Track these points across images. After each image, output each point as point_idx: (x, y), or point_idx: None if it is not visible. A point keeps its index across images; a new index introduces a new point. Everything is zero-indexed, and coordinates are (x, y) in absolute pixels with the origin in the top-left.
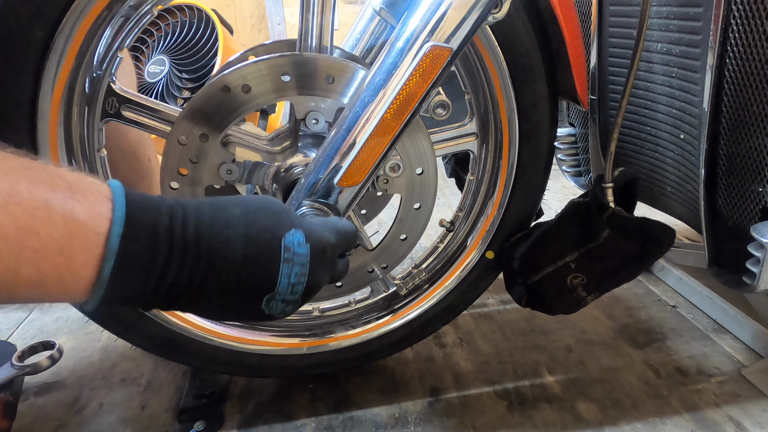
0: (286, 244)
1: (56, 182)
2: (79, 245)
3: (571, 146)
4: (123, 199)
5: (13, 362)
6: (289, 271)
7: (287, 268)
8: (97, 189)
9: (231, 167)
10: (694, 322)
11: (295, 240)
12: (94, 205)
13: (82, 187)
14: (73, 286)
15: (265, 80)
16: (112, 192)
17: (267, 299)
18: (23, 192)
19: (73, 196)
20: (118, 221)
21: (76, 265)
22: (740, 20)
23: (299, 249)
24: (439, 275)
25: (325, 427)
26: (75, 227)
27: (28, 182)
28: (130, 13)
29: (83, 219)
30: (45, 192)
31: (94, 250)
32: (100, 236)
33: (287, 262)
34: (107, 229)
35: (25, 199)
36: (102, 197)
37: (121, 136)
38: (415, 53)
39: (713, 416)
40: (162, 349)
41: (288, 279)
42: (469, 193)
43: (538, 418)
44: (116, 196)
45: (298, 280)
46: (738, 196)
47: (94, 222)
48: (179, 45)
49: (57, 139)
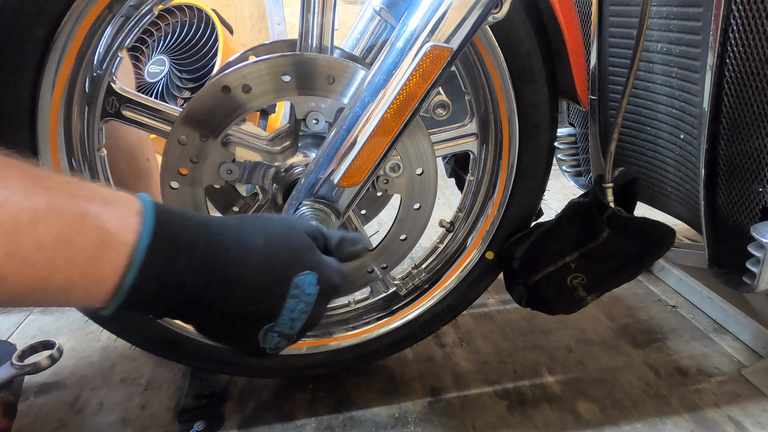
0: (297, 282)
1: (93, 196)
2: (107, 255)
3: (571, 146)
4: (152, 213)
5: (13, 362)
6: (294, 307)
7: (292, 303)
8: (129, 203)
9: (231, 167)
10: (694, 322)
11: (306, 280)
12: (125, 217)
13: (114, 200)
14: (97, 293)
15: (265, 80)
16: (142, 206)
17: (265, 329)
18: (62, 205)
19: (106, 209)
20: (146, 233)
21: (103, 273)
22: (740, 20)
23: (308, 289)
24: (439, 275)
25: (325, 427)
26: (106, 238)
27: (66, 196)
28: (131, 13)
29: (114, 230)
30: (81, 205)
31: (120, 260)
32: (128, 247)
33: (294, 298)
34: (134, 241)
35: (63, 212)
36: (133, 210)
37: (120, 136)
38: (415, 53)
39: (713, 416)
40: (162, 349)
41: (290, 314)
42: (469, 193)
43: (538, 418)
44: (146, 210)
45: (299, 317)
46: (738, 196)
47: (123, 234)
48: (179, 45)
49: (57, 138)
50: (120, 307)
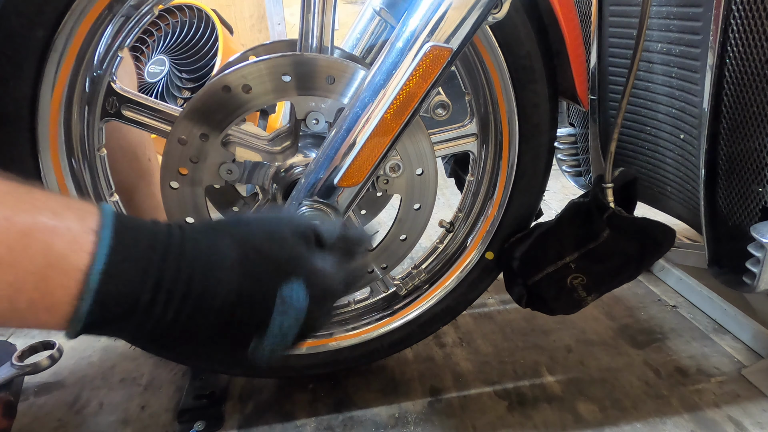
0: (282, 295)
1: (40, 211)
2: (56, 280)
3: (571, 146)
4: (110, 230)
5: (13, 362)
6: (281, 323)
7: (279, 319)
8: (84, 218)
9: (231, 167)
10: (694, 322)
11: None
12: (77, 237)
13: (66, 215)
14: (49, 320)
15: (265, 80)
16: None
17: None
18: (2, 221)
19: (55, 227)
20: (100, 257)
21: (52, 300)
22: (740, 20)
23: (296, 302)
24: (439, 276)
25: (325, 427)
26: (54, 260)
27: (10, 210)
28: (131, 13)
29: (64, 252)
30: (26, 221)
31: (72, 286)
32: (79, 272)
33: (281, 314)
34: (87, 264)
35: (3, 229)
36: (87, 227)
37: (121, 136)
38: (415, 53)
39: (713, 416)
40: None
41: (279, 329)
42: (469, 193)
43: (538, 418)
44: (104, 227)
45: (290, 331)
46: (738, 196)
47: (75, 256)
48: (179, 45)
49: (57, 138)
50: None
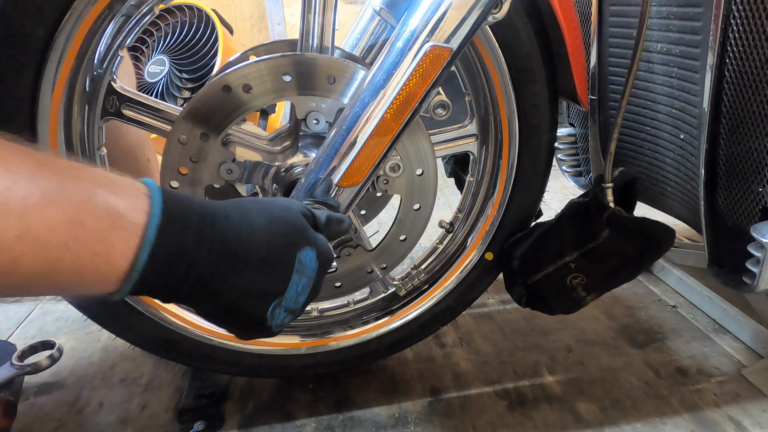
0: (300, 257)
1: (99, 179)
2: (118, 235)
3: (571, 146)
4: (159, 195)
5: (13, 362)
6: (298, 281)
7: (297, 277)
8: (136, 186)
9: (231, 167)
10: (694, 322)
11: (308, 256)
12: (133, 199)
13: (122, 183)
14: (109, 274)
15: (266, 80)
16: (149, 189)
17: (273, 305)
18: (70, 188)
19: (114, 191)
20: (155, 213)
21: (115, 253)
22: (740, 20)
23: (310, 264)
24: (439, 276)
25: (325, 427)
26: (116, 219)
27: (74, 179)
28: (132, 12)
29: (124, 212)
30: (90, 187)
31: (132, 240)
32: (139, 227)
33: (298, 273)
34: (145, 221)
35: (72, 194)
36: (140, 193)
37: (120, 136)
38: (415, 53)
39: (713, 416)
40: (161, 349)
41: (296, 287)
42: (469, 193)
43: (538, 418)
44: (153, 192)
45: (303, 290)
46: (738, 196)
47: (134, 214)
48: (179, 45)
49: (57, 137)
50: (132, 290)
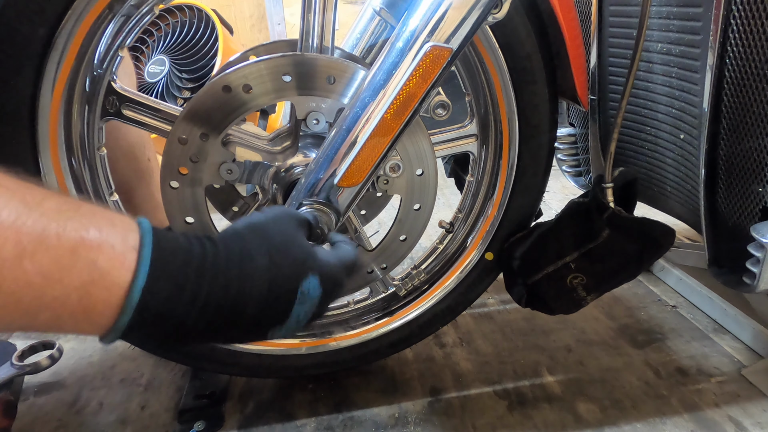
0: (302, 289)
1: (86, 228)
2: (99, 295)
3: (571, 146)
4: (150, 248)
5: (13, 362)
6: (300, 311)
7: (298, 308)
8: (125, 236)
9: (231, 167)
10: (694, 322)
11: (310, 285)
12: (120, 254)
13: (110, 232)
14: (89, 330)
15: (266, 80)
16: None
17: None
18: (53, 238)
19: (100, 244)
20: (141, 275)
21: (94, 313)
22: (740, 20)
23: (312, 293)
24: (439, 276)
25: (325, 427)
26: (98, 277)
27: (59, 227)
28: (132, 12)
29: (107, 269)
30: (75, 237)
31: (114, 301)
32: (122, 289)
33: (300, 304)
34: (129, 282)
35: (53, 246)
36: (128, 247)
37: (121, 136)
38: (415, 53)
39: (713, 416)
40: (161, 349)
41: (297, 317)
42: (469, 193)
43: (538, 418)
44: (144, 245)
45: (306, 317)
46: (738, 196)
47: (118, 273)
48: (179, 45)
49: (57, 137)
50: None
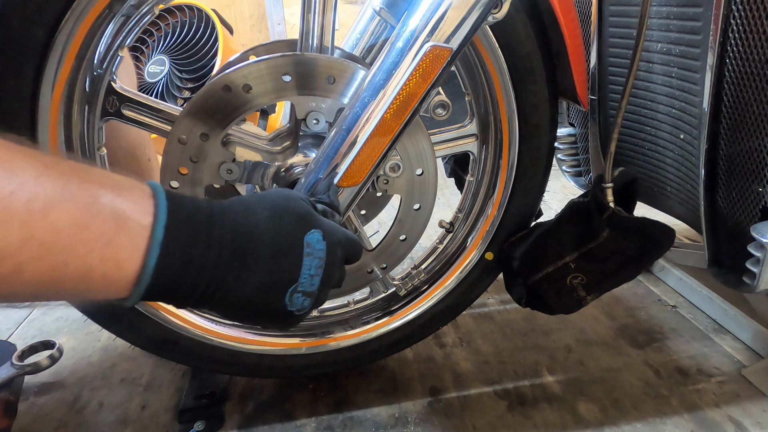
0: (307, 241)
1: (103, 181)
2: (125, 237)
3: (571, 146)
4: (164, 196)
5: (13, 362)
6: (310, 264)
7: (308, 260)
8: (140, 187)
9: (231, 167)
10: (694, 322)
11: (314, 238)
12: (139, 200)
13: (126, 185)
14: (118, 278)
15: (266, 80)
16: (153, 191)
17: (290, 292)
18: (75, 190)
19: (119, 193)
20: (162, 214)
21: (123, 256)
22: (740, 20)
23: (318, 245)
24: (439, 276)
25: (325, 427)
26: (122, 221)
27: (78, 181)
28: (131, 12)
29: (129, 213)
30: (94, 190)
31: (140, 241)
32: (146, 228)
33: (308, 256)
34: (151, 222)
35: (77, 196)
36: (145, 194)
37: (121, 136)
38: (415, 53)
39: (713, 416)
40: (161, 349)
41: (309, 270)
42: (469, 193)
43: (538, 418)
44: (158, 193)
45: (317, 272)
46: (738, 196)
47: (140, 216)
48: (179, 45)
49: (57, 137)
50: (144, 294)
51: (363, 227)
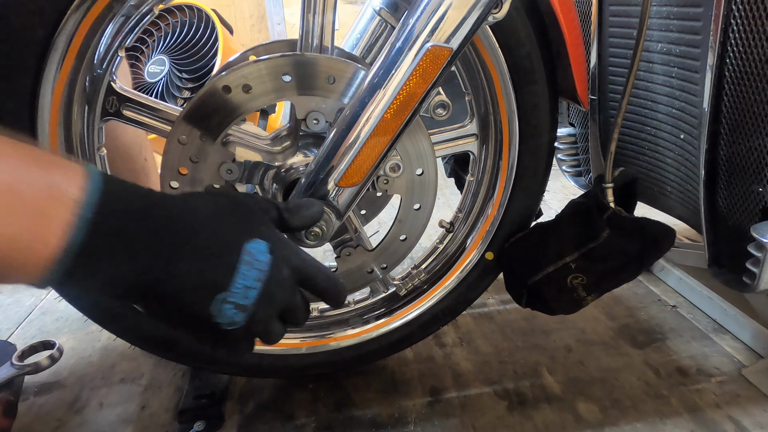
0: (248, 249)
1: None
2: (54, 210)
3: (571, 146)
4: (99, 175)
5: (13, 362)
6: (247, 273)
7: (245, 269)
8: (74, 164)
9: (231, 167)
10: (694, 322)
11: (258, 248)
12: (72, 175)
13: (60, 161)
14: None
15: (265, 80)
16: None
17: (218, 300)
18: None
19: (53, 166)
20: (94, 191)
21: (50, 230)
22: (740, 20)
23: (260, 257)
24: (439, 276)
25: (325, 427)
26: (54, 191)
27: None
28: (131, 12)
29: (61, 184)
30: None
31: (68, 216)
32: (76, 202)
33: (246, 264)
34: (82, 196)
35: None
36: (79, 171)
37: (117, 136)
38: (415, 53)
39: (713, 416)
40: (162, 349)
41: (244, 280)
42: (469, 193)
43: (538, 418)
44: (92, 172)
45: (254, 285)
46: (738, 196)
47: (71, 188)
48: (179, 45)
49: (57, 138)
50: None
51: (363, 227)
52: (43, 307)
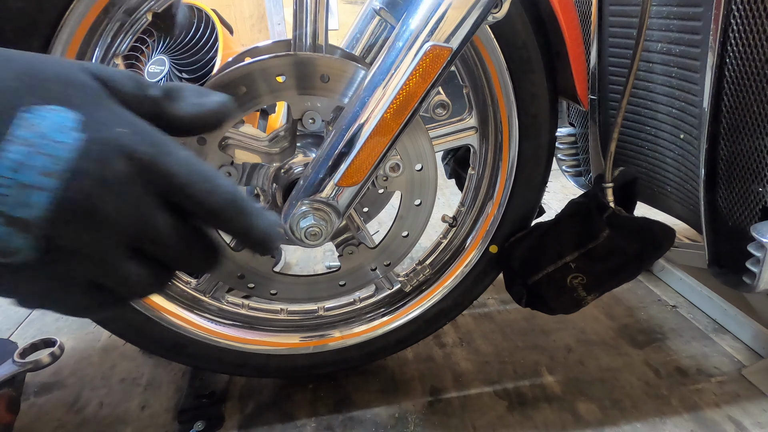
0: (28, 118)
1: None
2: None
3: (571, 146)
4: None
5: (15, 359)
6: (25, 160)
7: (20, 151)
8: None
9: (230, 170)
10: (694, 322)
11: (54, 119)
12: None
13: None
14: None
15: (260, 81)
16: None
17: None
18: None
19: None
20: None
21: None
22: (740, 20)
23: (57, 134)
24: (444, 270)
25: (325, 427)
26: None
27: None
28: (125, 19)
29: None
30: None
31: None
32: None
33: (21, 145)
34: None
35: None
36: None
37: None
38: (414, 53)
39: (713, 416)
40: (169, 352)
41: (20, 175)
42: (471, 187)
43: (538, 418)
44: None
45: (40, 183)
46: (738, 196)
47: None
48: (179, 45)
49: None
50: None
51: (365, 225)
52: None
